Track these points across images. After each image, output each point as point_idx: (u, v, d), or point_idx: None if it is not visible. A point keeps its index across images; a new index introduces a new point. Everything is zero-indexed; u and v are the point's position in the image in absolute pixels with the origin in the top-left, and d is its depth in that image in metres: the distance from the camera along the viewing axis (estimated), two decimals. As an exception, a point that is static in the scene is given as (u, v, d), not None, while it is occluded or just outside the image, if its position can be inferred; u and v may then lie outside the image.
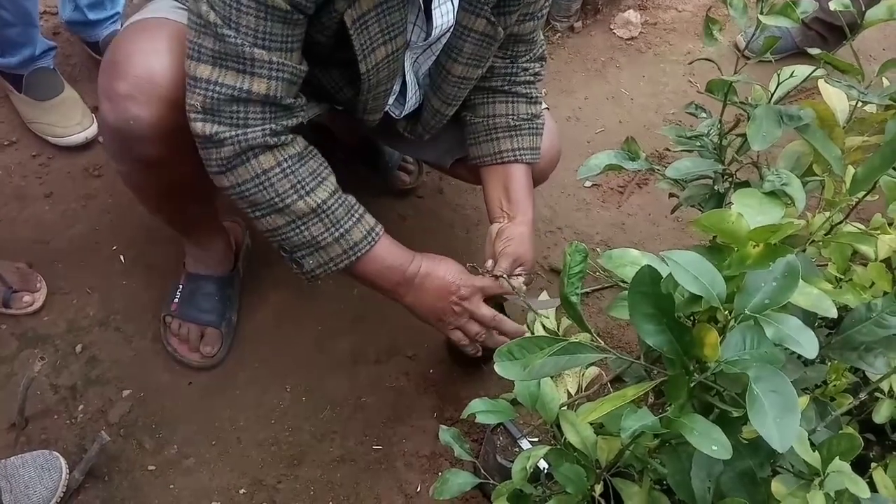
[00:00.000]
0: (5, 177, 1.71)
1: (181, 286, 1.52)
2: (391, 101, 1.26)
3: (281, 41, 0.96)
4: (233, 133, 0.98)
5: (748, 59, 0.88)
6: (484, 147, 1.31)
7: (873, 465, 0.78)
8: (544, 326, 1.35)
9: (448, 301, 1.18)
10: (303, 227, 1.06)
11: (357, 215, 1.11)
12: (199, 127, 0.98)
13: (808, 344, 0.56)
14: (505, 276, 1.20)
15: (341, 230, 1.08)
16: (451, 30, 1.14)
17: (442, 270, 1.18)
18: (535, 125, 1.30)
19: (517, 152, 1.29)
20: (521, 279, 1.23)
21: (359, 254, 1.11)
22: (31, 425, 1.38)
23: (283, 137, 1.02)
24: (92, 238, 1.64)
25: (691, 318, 0.70)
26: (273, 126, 1.00)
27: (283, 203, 1.04)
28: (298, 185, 1.04)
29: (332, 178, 1.09)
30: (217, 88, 0.96)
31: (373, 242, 1.12)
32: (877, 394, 0.82)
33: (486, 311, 1.20)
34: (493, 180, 1.32)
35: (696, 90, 2.14)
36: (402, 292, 1.18)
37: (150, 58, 1.02)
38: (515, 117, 1.29)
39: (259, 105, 0.98)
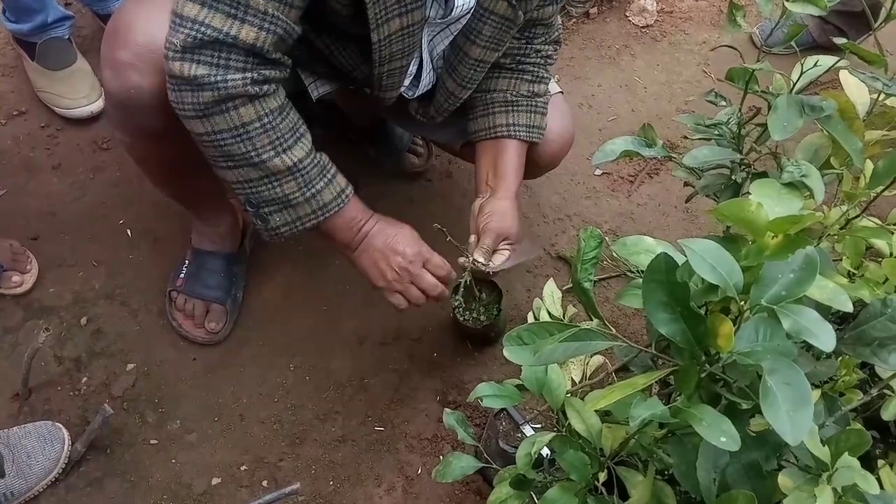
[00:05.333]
0: (14, 147, 1.70)
1: (187, 262, 1.52)
2: (407, 81, 1.25)
3: None
4: (213, 78, 0.94)
5: (765, 52, 0.86)
6: (480, 122, 1.30)
7: (880, 462, 0.77)
8: (549, 313, 1.35)
9: (391, 261, 1.17)
10: (276, 184, 1.04)
11: (329, 176, 1.09)
12: (177, 67, 0.93)
13: (825, 337, 0.55)
14: (473, 257, 1.20)
15: (313, 190, 1.07)
16: (472, 11, 1.13)
17: (392, 231, 1.18)
18: (534, 103, 1.29)
19: (511, 128, 1.27)
20: (504, 255, 1.23)
21: (327, 214, 1.10)
22: (35, 396, 1.39)
23: (265, 87, 0.98)
24: (99, 211, 1.63)
25: (703, 308, 0.69)
26: (254, 75, 0.96)
27: (258, 158, 1.01)
28: (277, 142, 1.01)
29: (309, 135, 1.08)
30: (202, 29, 0.92)
31: (342, 204, 1.11)
32: (886, 391, 0.81)
33: (428, 280, 1.20)
34: (484, 155, 1.31)
35: (710, 80, 2.12)
36: (354, 248, 1.17)
37: (152, 26, 1.00)
38: (514, 93, 1.28)
39: (242, 52, 0.95)
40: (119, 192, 1.66)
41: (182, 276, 1.51)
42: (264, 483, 1.35)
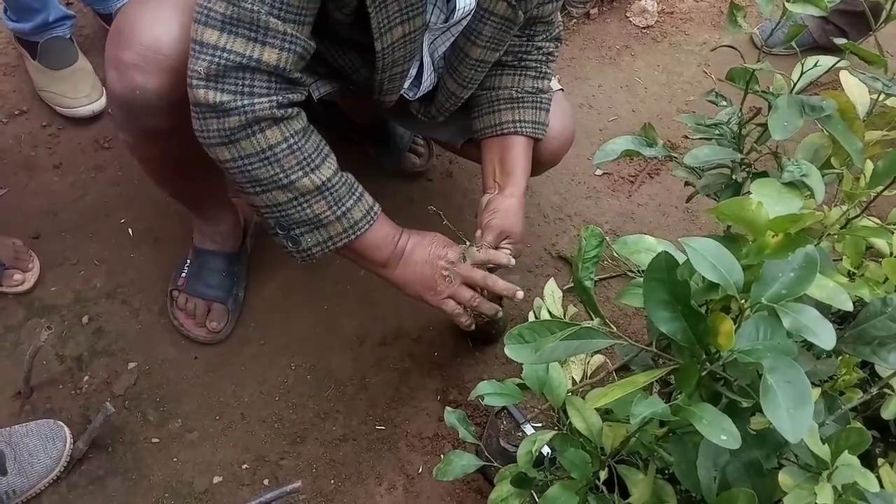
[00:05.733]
0: (15, 146, 1.70)
1: (189, 261, 1.52)
2: (408, 83, 1.25)
3: (296, 13, 0.94)
4: (239, 103, 0.94)
5: (765, 53, 0.87)
6: (486, 119, 1.30)
7: (880, 460, 0.77)
8: (550, 313, 1.35)
9: (437, 267, 1.18)
10: (305, 205, 1.04)
11: (357, 194, 1.10)
12: (202, 95, 0.94)
13: (825, 335, 0.55)
14: (469, 244, 1.20)
15: (343, 209, 1.07)
16: (472, 12, 1.13)
17: (428, 241, 1.19)
18: (538, 99, 1.29)
19: (517, 124, 1.27)
20: (507, 251, 1.23)
21: (359, 232, 1.10)
22: (37, 394, 1.39)
23: (289, 110, 0.99)
24: (101, 210, 1.64)
25: (703, 307, 0.70)
26: (279, 98, 0.97)
27: (287, 179, 1.01)
28: (304, 162, 1.02)
29: (333, 155, 1.08)
30: (224, 55, 0.92)
31: (372, 221, 1.11)
32: (885, 390, 0.81)
33: (476, 272, 1.19)
34: (490, 152, 1.31)
35: (711, 81, 2.13)
36: (391, 266, 1.17)
37: (157, 27, 1.00)
38: (519, 90, 1.28)
39: (266, 75, 0.95)
40: (120, 191, 1.67)
41: (183, 275, 1.51)
42: (265, 482, 1.36)
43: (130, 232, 1.61)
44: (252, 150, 0.98)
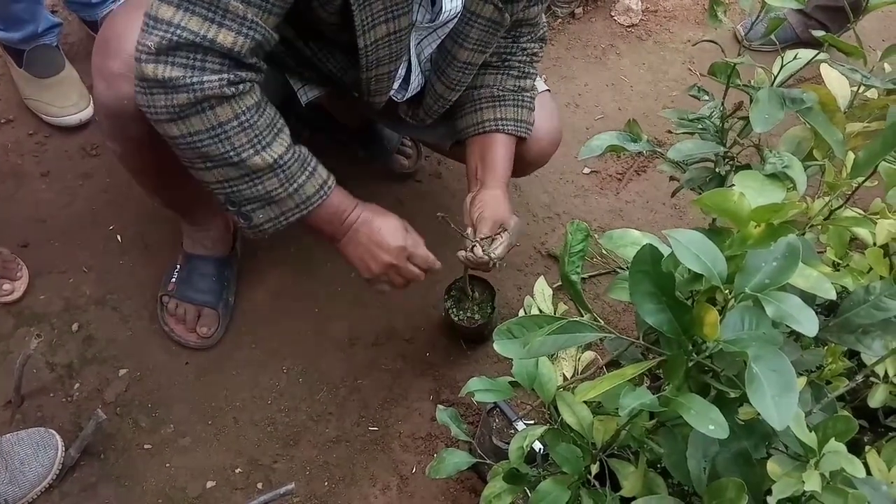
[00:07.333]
0: (2, 155, 1.70)
1: (178, 266, 1.52)
2: (396, 84, 1.25)
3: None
4: (188, 80, 0.91)
5: (745, 47, 0.88)
6: (468, 118, 1.31)
7: (867, 448, 0.78)
8: (540, 310, 1.36)
9: (375, 256, 1.18)
10: (257, 182, 1.02)
11: (310, 169, 1.08)
12: (150, 69, 0.91)
13: (807, 322, 0.56)
14: (479, 243, 1.20)
15: (295, 185, 1.05)
16: (459, 15, 1.14)
17: (377, 224, 1.17)
18: (520, 97, 1.29)
19: (499, 122, 1.28)
20: (502, 240, 1.23)
21: (311, 207, 1.08)
22: (28, 403, 1.39)
23: (241, 86, 0.96)
24: (89, 217, 1.63)
25: (689, 299, 0.70)
26: (230, 76, 0.94)
27: (238, 157, 0.99)
28: (255, 139, 0.99)
29: (287, 129, 1.06)
30: (177, 31, 0.89)
31: (325, 196, 1.10)
32: (872, 379, 0.82)
33: (412, 271, 1.21)
34: (473, 151, 1.31)
35: (696, 78, 2.14)
36: (339, 238, 1.17)
37: None
38: (500, 88, 1.28)
39: (219, 56, 0.93)
40: (108, 197, 1.66)
41: (173, 280, 1.51)
42: (259, 485, 1.36)
43: (119, 238, 1.61)
44: (202, 126, 0.96)
